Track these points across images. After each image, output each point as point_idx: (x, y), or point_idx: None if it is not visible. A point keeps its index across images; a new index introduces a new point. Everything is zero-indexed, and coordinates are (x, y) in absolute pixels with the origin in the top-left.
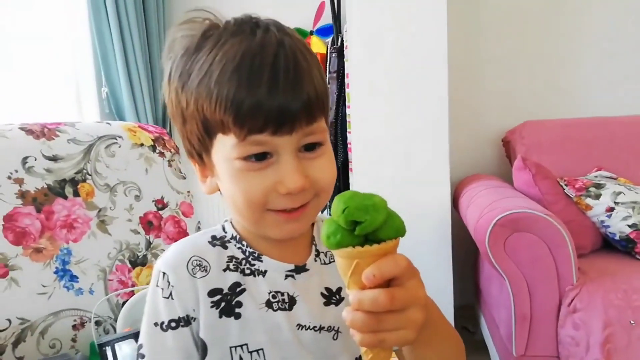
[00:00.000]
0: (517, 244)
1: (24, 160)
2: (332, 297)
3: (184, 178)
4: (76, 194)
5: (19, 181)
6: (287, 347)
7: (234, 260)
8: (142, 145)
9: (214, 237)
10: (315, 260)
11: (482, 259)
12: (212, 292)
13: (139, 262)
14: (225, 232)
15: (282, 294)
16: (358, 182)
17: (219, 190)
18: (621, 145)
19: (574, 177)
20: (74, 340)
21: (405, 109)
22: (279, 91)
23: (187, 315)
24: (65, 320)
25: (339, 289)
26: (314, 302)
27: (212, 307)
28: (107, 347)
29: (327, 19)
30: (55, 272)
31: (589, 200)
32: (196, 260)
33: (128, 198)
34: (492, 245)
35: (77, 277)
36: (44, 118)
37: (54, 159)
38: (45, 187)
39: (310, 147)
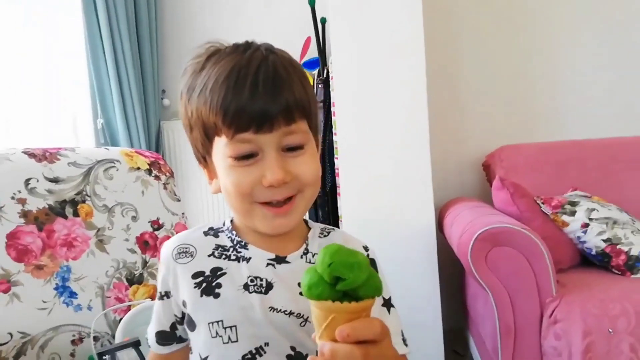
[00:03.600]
0: (498, 258)
1: (27, 181)
2: None
3: (179, 200)
4: (76, 214)
5: (22, 201)
6: (258, 325)
7: (220, 248)
8: (138, 169)
9: (210, 229)
10: (302, 257)
11: (468, 279)
12: (195, 275)
13: (135, 280)
14: (223, 225)
15: (261, 279)
16: (346, 206)
17: (221, 190)
18: (593, 166)
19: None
20: (72, 355)
21: (390, 137)
22: (259, 97)
23: (167, 291)
24: (65, 335)
25: None
26: (290, 290)
27: (194, 287)
28: (106, 356)
29: (313, 52)
30: (55, 289)
31: (565, 217)
32: (182, 247)
33: (125, 219)
34: (475, 259)
35: (77, 294)
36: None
37: (55, 180)
38: (47, 207)
39: (292, 149)
